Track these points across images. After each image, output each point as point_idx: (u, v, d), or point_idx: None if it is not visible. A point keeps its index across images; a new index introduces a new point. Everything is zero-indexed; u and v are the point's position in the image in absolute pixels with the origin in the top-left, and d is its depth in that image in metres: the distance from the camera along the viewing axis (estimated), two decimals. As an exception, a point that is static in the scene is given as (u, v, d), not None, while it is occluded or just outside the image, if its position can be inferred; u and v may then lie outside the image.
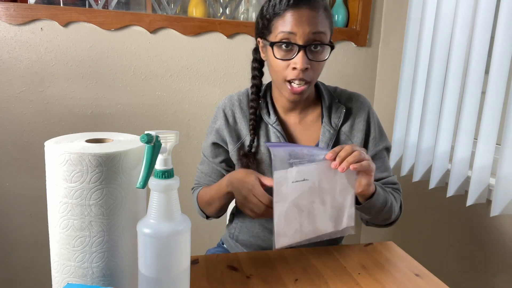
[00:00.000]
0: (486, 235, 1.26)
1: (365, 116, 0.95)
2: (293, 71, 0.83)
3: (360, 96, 0.99)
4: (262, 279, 0.77)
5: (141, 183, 0.56)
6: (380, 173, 0.98)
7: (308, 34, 0.81)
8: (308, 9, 0.81)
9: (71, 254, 0.59)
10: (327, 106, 0.94)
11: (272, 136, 0.93)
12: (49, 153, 0.58)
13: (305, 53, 0.81)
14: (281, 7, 0.82)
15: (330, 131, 0.92)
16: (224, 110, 0.96)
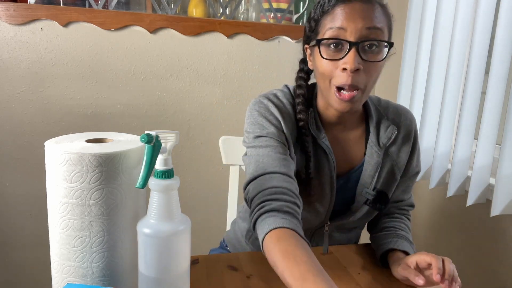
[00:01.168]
0: (486, 235, 1.26)
1: (412, 138, 0.88)
2: (342, 73, 0.71)
3: (408, 111, 0.90)
4: (262, 279, 0.77)
5: (141, 183, 0.56)
6: (403, 195, 0.94)
7: (361, 30, 0.69)
8: (361, 2, 0.70)
9: (71, 254, 0.59)
10: (375, 123, 0.84)
11: (320, 151, 0.82)
12: (49, 153, 0.58)
13: (357, 52, 0.69)
14: (330, 4, 0.72)
15: (378, 153, 0.82)
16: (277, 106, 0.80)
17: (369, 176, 0.84)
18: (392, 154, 0.86)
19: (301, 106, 0.80)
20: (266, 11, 1.71)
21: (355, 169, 0.86)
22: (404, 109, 0.90)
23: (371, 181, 0.84)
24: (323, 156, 0.82)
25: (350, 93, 0.72)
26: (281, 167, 0.74)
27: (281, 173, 0.73)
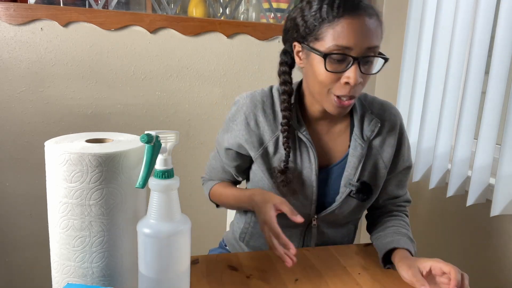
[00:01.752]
0: (486, 235, 1.26)
1: (397, 130, 0.90)
2: (344, 86, 0.75)
3: (393, 107, 0.92)
4: (262, 279, 0.77)
5: (141, 183, 0.56)
6: (397, 190, 0.95)
7: (365, 49, 0.73)
8: (366, 17, 0.72)
9: (71, 254, 0.59)
10: (359, 117, 0.87)
11: (301, 144, 0.86)
12: (49, 153, 0.58)
13: (359, 66, 0.74)
14: (333, 13, 0.72)
15: (362, 145, 0.86)
16: (245, 114, 0.87)
17: (353, 168, 0.87)
18: (376, 147, 0.88)
19: (286, 104, 0.84)
20: (266, 11, 1.71)
21: (340, 161, 0.89)
22: (389, 104, 0.93)
23: (355, 173, 0.87)
24: (305, 149, 0.86)
25: (349, 101, 0.77)
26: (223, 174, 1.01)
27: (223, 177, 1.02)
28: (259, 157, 0.87)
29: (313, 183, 0.87)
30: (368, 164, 0.88)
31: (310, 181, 0.87)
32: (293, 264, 0.72)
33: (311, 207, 0.89)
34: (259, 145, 0.87)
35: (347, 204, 0.89)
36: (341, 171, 0.88)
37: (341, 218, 0.93)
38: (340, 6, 0.72)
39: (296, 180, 0.87)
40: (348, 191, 0.87)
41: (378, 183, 0.91)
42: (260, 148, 0.87)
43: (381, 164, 0.89)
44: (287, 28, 0.83)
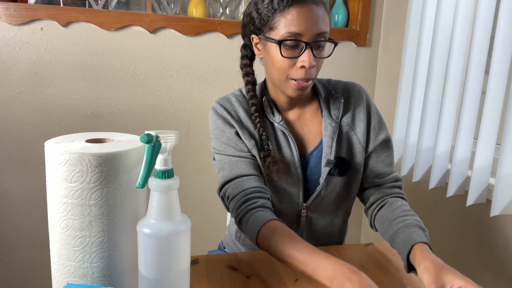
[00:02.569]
0: (486, 235, 1.26)
1: (364, 104, 0.94)
2: (300, 69, 0.81)
3: (356, 84, 0.97)
4: (262, 279, 0.77)
5: (140, 182, 0.56)
6: (383, 167, 0.94)
7: (314, 34, 0.80)
8: (313, 5, 0.79)
9: (71, 254, 0.59)
10: (324, 98, 0.93)
11: (280, 135, 0.90)
12: (49, 153, 0.58)
13: (311, 50, 0.80)
14: (283, 3, 0.79)
15: (332, 124, 0.90)
16: (226, 109, 0.90)
17: (328, 147, 0.90)
18: (348, 123, 0.93)
19: (252, 92, 0.90)
20: (266, 11, 1.71)
21: (317, 145, 0.92)
22: (351, 83, 0.97)
23: (331, 151, 0.90)
24: (284, 139, 0.90)
25: (307, 83, 0.83)
26: (253, 170, 0.87)
27: (254, 175, 0.86)
28: (253, 147, 0.89)
29: (297, 170, 0.90)
30: (344, 142, 0.92)
31: (294, 169, 0.90)
32: None
33: (299, 195, 0.92)
34: (250, 136, 0.90)
35: (331, 185, 0.91)
36: (320, 154, 0.92)
37: (330, 205, 0.94)
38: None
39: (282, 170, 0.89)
40: (328, 169, 0.90)
41: (357, 160, 0.93)
42: (252, 140, 0.90)
43: (355, 139, 0.93)
44: (244, 23, 0.89)
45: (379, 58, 1.82)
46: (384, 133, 0.95)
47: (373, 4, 1.75)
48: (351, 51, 1.77)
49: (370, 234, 1.91)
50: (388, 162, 0.95)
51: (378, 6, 1.77)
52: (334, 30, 1.73)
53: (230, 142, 0.89)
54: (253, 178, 0.86)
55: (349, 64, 1.78)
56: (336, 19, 1.77)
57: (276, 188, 0.91)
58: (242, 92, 0.95)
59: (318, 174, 0.92)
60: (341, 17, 1.77)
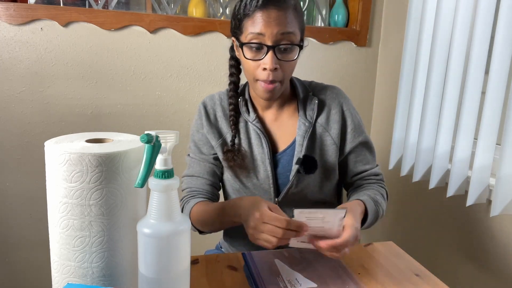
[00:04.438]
0: (486, 235, 1.26)
1: (339, 107, 0.96)
2: (263, 71, 0.84)
3: (335, 87, 0.99)
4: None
5: (140, 182, 0.56)
6: (362, 165, 0.99)
7: (276, 35, 0.81)
8: (276, 10, 0.81)
9: (71, 254, 0.59)
10: (302, 100, 0.95)
11: (252, 133, 0.94)
12: (49, 153, 0.58)
13: (274, 53, 0.82)
14: (250, 8, 0.83)
15: (305, 124, 0.93)
16: (206, 108, 0.98)
17: (299, 145, 0.93)
18: (322, 124, 0.95)
19: (232, 92, 0.95)
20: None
21: (291, 144, 0.95)
22: (331, 86, 1.00)
23: (301, 150, 0.93)
24: (256, 137, 0.94)
25: (272, 85, 0.85)
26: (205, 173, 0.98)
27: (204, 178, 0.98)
28: (219, 147, 0.96)
29: (267, 168, 0.93)
30: (317, 142, 0.95)
31: (265, 166, 0.93)
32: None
33: (270, 191, 0.95)
34: (218, 136, 0.96)
35: (303, 183, 0.94)
36: (293, 153, 0.95)
37: (305, 200, 0.96)
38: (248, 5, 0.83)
39: (252, 168, 0.94)
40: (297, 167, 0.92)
41: (330, 160, 0.96)
42: (219, 139, 0.96)
43: (330, 140, 0.95)
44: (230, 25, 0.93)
45: (379, 58, 1.82)
46: (363, 136, 0.98)
47: (373, 4, 1.75)
48: (351, 51, 1.77)
49: (370, 234, 1.91)
50: (367, 161, 0.99)
51: (378, 6, 1.77)
52: (334, 30, 1.73)
53: (199, 142, 0.99)
54: (203, 180, 0.98)
55: (349, 64, 1.78)
56: (336, 19, 1.77)
57: (246, 183, 0.96)
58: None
59: (290, 171, 0.95)
60: (341, 17, 1.77)
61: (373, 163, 1.01)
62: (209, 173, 0.99)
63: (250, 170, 0.94)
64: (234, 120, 0.94)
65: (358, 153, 0.98)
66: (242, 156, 0.94)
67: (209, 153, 0.99)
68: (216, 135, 0.97)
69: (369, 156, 1.00)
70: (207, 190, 0.98)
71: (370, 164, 1.00)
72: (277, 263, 0.82)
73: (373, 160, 1.01)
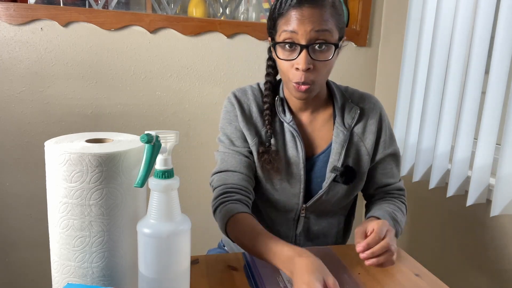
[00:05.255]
0: (486, 235, 1.26)
1: (377, 117, 0.94)
2: (296, 72, 0.81)
3: (373, 97, 0.98)
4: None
5: (139, 182, 0.56)
6: (387, 178, 0.97)
7: (310, 33, 0.78)
8: (311, 7, 0.78)
9: (71, 254, 0.59)
10: (340, 106, 0.93)
11: (287, 135, 0.91)
12: (49, 153, 0.58)
13: (308, 53, 0.79)
14: (284, 7, 0.80)
15: (344, 132, 0.91)
16: (240, 101, 0.93)
17: (336, 154, 0.91)
18: (358, 134, 0.93)
19: (268, 91, 0.92)
20: (266, 11, 1.71)
21: (325, 149, 0.93)
22: (368, 94, 0.98)
23: (339, 158, 0.91)
24: (291, 139, 0.91)
25: (305, 86, 0.82)
26: (243, 168, 0.90)
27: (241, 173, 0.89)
28: (254, 145, 0.91)
29: (300, 172, 0.91)
30: (352, 151, 0.93)
31: (298, 170, 0.91)
32: None
33: (300, 196, 0.92)
34: (255, 133, 0.92)
35: (334, 191, 0.93)
36: (326, 159, 0.92)
37: (329, 207, 0.96)
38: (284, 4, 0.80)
39: (285, 170, 0.91)
40: (333, 176, 0.91)
41: (362, 170, 0.94)
42: (255, 137, 0.92)
43: (364, 150, 0.93)
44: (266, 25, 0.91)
45: (379, 58, 1.82)
46: (393, 147, 0.97)
47: (373, 4, 1.75)
48: (351, 51, 1.77)
49: (370, 234, 1.91)
50: (392, 174, 0.98)
51: (378, 6, 1.77)
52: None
53: (232, 135, 0.92)
54: (240, 175, 0.89)
55: (349, 64, 1.78)
56: (336, 19, 1.77)
57: (276, 186, 0.92)
58: (260, 87, 0.96)
59: (322, 178, 0.92)
60: (341, 17, 1.77)
61: (398, 177, 1.00)
62: (246, 167, 0.91)
63: (282, 173, 0.91)
64: (270, 119, 0.90)
65: (385, 165, 0.97)
66: (278, 159, 0.90)
67: (243, 146, 0.92)
68: (252, 131, 0.91)
69: (395, 170, 0.98)
70: (245, 187, 0.89)
71: (395, 178, 0.98)
72: None
73: (398, 174, 0.99)
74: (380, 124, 0.95)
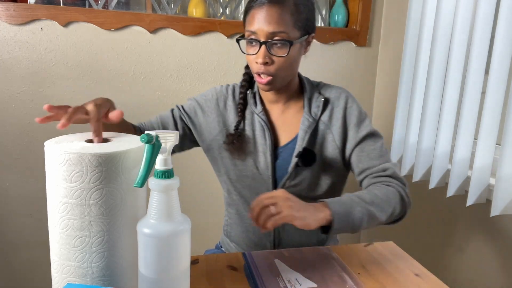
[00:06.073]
0: (486, 235, 1.26)
1: (343, 104, 0.97)
2: (257, 65, 0.89)
3: (341, 88, 1.02)
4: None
5: (139, 182, 0.56)
6: (369, 160, 0.94)
7: (267, 33, 0.86)
8: (271, 7, 0.85)
9: (71, 254, 0.59)
10: (308, 97, 0.99)
11: (257, 125, 0.97)
12: (49, 153, 0.58)
13: (267, 49, 0.87)
14: (249, 6, 0.89)
15: (309, 120, 0.96)
16: (217, 94, 1.02)
17: (301, 139, 0.95)
18: (325, 121, 0.97)
19: (244, 82, 1.01)
20: (266, 11, 1.71)
21: (293, 138, 0.98)
22: (336, 87, 1.02)
23: (302, 144, 0.95)
24: (260, 129, 0.97)
25: (266, 79, 0.90)
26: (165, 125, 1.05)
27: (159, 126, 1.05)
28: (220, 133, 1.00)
29: (268, 159, 0.96)
30: (319, 138, 0.97)
31: (265, 158, 0.96)
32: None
33: (269, 182, 0.97)
34: (223, 125, 1.00)
35: (300, 176, 0.95)
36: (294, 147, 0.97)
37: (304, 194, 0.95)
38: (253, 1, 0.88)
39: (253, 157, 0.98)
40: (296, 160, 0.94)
41: (329, 155, 0.97)
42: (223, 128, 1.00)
43: (331, 137, 0.97)
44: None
45: (379, 58, 1.82)
46: (366, 128, 0.96)
47: (373, 4, 1.75)
48: (351, 51, 1.77)
49: (370, 234, 1.91)
50: (374, 155, 0.95)
51: (378, 6, 1.77)
52: (334, 30, 1.72)
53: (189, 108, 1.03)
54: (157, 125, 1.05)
55: (349, 64, 1.78)
56: (336, 19, 1.77)
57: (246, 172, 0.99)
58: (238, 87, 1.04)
59: (289, 164, 0.96)
60: (341, 17, 1.77)
61: (381, 157, 0.95)
62: (167, 127, 1.03)
63: (250, 159, 0.97)
64: (242, 108, 0.99)
65: (363, 148, 0.95)
66: (241, 141, 0.97)
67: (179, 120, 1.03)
68: (221, 124, 1.00)
69: (377, 151, 0.95)
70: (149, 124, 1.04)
71: (379, 159, 0.94)
72: (277, 263, 0.82)
73: (382, 154, 0.95)
74: (345, 110, 0.97)
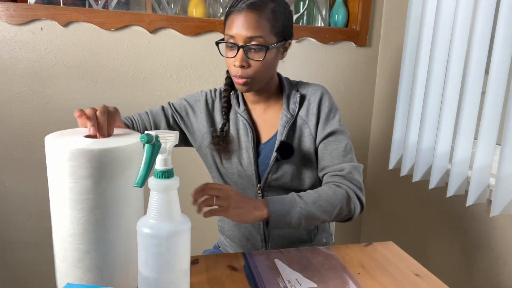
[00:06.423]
0: (486, 235, 1.26)
1: (318, 99, 1.00)
2: (235, 68, 0.92)
3: (318, 85, 1.05)
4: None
5: (139, 182, 0.56)
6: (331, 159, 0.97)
7: (244, 38, 0.89)
8: (249, 13, 0.88)
9: (72, 253, 0.59)
10: (287, 95, 1.02)
11: (240, 124, 1.01)
12: (50, 148, 0.58)
13: (244, 52, 0.90)
14: (229, 11, 0.92)
15: (287, 116, 0.99)
16: (206, 96, 1.06)
17: (279, 134, 0.99)
18: (302, 116, 1.01)
19: (227, 86, 1.04)
20: (266, 11, 1.71)
21: (274, 135, 1.01)
22: (314, 84, 1.05)
23: (281, 138, 0.99)
24: (244, 127, 1.01)
25: (243, 80, 0.93)
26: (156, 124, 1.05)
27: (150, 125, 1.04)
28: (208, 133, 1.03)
29: (250, 155, 1.00)
30: (297, 133, 1.00)
31: (248, 154, 1.00)
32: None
33: (253, 177, 1.00)
34: (211, 124, 1.04)
35: (281, 170, 0.99)
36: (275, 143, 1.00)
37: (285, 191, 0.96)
38: (233, 5, 0.92)
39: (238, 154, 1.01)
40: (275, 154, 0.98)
41: (306, 149, 1.00)
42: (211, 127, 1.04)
43: (308, 131, 1.00)
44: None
45: (379, 58, 1.82)
46: (333, 126, 0.99)
47: (373, 4, 1.75)
48: (351, 51, 1.77)
49: (370, 234, 1.91)
50: (336, 154, 0.98)
51: (378, 6, 1.77)
52: (334, 30, 1.72)
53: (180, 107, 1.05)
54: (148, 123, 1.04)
55: (349, 64, 1.78)
56: (336, 19, 1.77)
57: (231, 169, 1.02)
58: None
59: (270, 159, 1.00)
60: (341, 17, 1.77)
61: (342, 158, 0.96)
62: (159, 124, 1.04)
63: (235, 157, 1.01)
64: (226, 110, 1.03)
65: (327, 145, 0.98)
66: (226, 141, 1.01)
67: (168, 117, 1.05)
68: (209, 123, 1.04)
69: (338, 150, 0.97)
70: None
71: (339, 159, 0.96)
72: (277, 263, 0.82)
73: (343, 155, 0.96)
74: (319, 105, 1.00)
